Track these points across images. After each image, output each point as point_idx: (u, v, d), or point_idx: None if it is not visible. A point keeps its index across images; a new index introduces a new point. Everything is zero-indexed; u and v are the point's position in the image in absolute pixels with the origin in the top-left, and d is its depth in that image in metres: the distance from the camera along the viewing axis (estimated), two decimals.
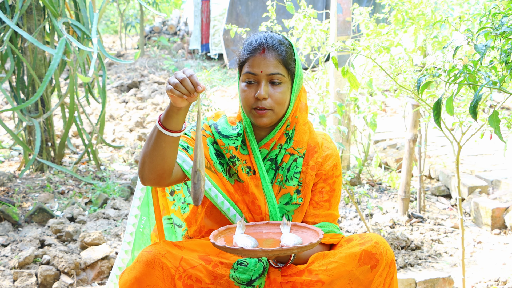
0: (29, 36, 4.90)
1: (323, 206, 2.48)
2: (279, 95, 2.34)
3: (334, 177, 2.50)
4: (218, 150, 2.46)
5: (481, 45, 1.98)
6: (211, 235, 2.21)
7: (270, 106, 2.32)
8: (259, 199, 2.41)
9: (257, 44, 2.35)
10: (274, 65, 2.32)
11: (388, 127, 7.39)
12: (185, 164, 2.35)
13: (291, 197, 2.44)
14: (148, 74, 11.91)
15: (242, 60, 2.38)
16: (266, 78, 2.32)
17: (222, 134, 2.45)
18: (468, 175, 5.28)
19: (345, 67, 3.04)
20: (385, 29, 4.09)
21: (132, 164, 6.40)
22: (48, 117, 5.80)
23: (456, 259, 4.02)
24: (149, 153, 2.20)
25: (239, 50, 2.45)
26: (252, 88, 2.34)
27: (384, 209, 4.85)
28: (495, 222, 4.48)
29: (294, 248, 2.08)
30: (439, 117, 2.04)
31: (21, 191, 5.19)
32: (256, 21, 11.51)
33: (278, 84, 2.34)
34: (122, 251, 2.70)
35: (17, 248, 4.03)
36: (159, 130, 2.16)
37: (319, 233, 2.21)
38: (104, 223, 4.53)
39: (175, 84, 2.05)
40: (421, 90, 2.10)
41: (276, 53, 2.33)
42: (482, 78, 1.90)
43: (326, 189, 2.49)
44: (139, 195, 2.72)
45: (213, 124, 2.49)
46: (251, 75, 2.33)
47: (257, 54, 2.33)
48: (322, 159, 2.47)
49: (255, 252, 2.07)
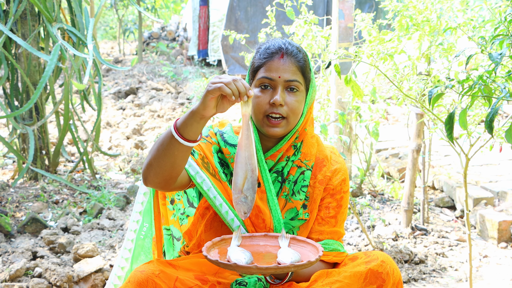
0: (23, 42, 4.82)
1: (329, 223, 2.38)
2: (296, 104, 2.23)
3: (342, 192, 2.41)
4: (222, 159, 2.37)
5: (496, 53, 1.86)
6: (204, 246, 2.09)
7: (286, 113, 2.22)
8: (264, 213, 2.31)
9: (275, 48, 2.24)
10: (293, 71, 2.22)
11: (390, 136, 7.27)
12: (191, 169, 2.25)
13: (297, 212, 2.33)
14: (146, 81, 11.83)
15: (258, 65, 2.26)
16: (283, 84, 2.21)
17: (228, 142, 2.36)
18: (473, 186, 5.16)
19: (348, 76, 2.92)
20: (389, 35, 3.99)
21: (129, 172, 6.29)
22: (43, 125, 5.72)
23: (462, 274, 3.89)
24: (158, 157, 2.08)
25: (253, 55, 2.33)
26: (267, 93, 2.22)
27: (387, 221, 4.73)
28: (502, 235, 4.35)
29: (291, 266, 1.96)
30: (451, 132, 1.90)
31: (14, 200, 5.10)
32: (256, 27, 11.43)
33: (295, 92, 2.23)
34: (122, 258, 2.56)
35: (9, 260, 3.94)
36: (173, 136, 2.03)
37: (319, 249, 2.10)
38: (98, 234, 4.46)
39: (228, 82, 1.94)
40: (432, 102, 1.96)
41: (295, 59, 2.24)
42: (498, 89, 1.78)
43: (333, 205, 2.39)
44: (141, 199, 2.58)
45: (219, 132, 2.40)
46: (268, 79, 2.22)
47: (275, 59, 2.22)
48: (331, 173, 2.39)
49: (249, 269, 1.95)
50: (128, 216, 4.80)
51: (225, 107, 2.02)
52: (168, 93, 11.14)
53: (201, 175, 2.26)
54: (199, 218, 2.44)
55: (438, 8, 4.02)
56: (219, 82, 1.94)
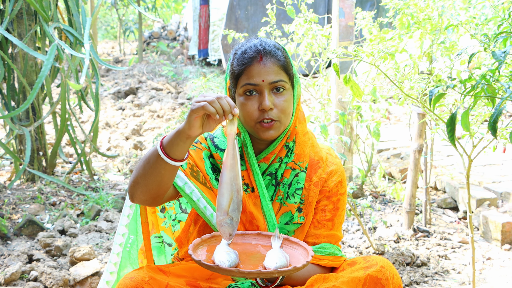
0: (19, 42, 4.76)
1: (325, 226, 2.32)
2: (285, 104, 2.17)
3: (339, 194, 2.34)
4: (214, 164, 2.30)
5: (500, 51, 1.79)
6: (192, 243, 2.04)
7: (277, 117, 2.15)
8: (258, 219, 2.25)
9: (253, 52, 2.16)
10: (275, 72, 2.15)
11: (392, 136, 7.21)
12: (179, 180, 2.18)
13: (292, 216, 2.28)
14: (146, 80, 11.81)
15: (238, 72, 2.18)
16: (269, 87, 2.14)
17: (219, 147, 2.30)
18: (476, 187, 5.09)
19: (347, 75, 2.86)
20: (390, 34, 3.94)
21: (127, 174, 6.25)
22: (40, 126, 5.67)
23: (465, 277, 3.83)
24: (144, 175, 2.03)
25: (230, 61, 2.26)
26: (254, 100, 2.15)
27: (388, 223, 4.68)
28: (505, 237, 4.28)
29: (275, 272, 1.91)
30: (453, 134, 1.83)
31: (10, 202, 5.06)
32: (256, 26, 11.39)
33: (282, 92, 2.17)
34: (107, 272, 2.52)
35: (4, 263, 3.91)
36: (159, 156, 1.97)
37: (309, 254, 2.03)
38: (96, 236, 4.43)
39: (211, 101, 1.88)
40: (433, 103, 1.90)
41: (275, 58, 2.17)
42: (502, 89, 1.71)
43: (329, 207, 2.33)
44: (127, 212, 2.53)
45: (209, 136, 2.33)
46: (251, 85, 2.14)
47: (254, 63, 2.15)
48: (326, 175, 2.33)
49: (231, 272, 1.90)
50: None
51: (211, 126, 1.96)
52: (168, 93, 11.11)
53: (189, 186, 2.20)
54: (192, 225, 2.38)
55: (440, 6, 3.97)
56: (202, 100, 1.88)
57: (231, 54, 2.26)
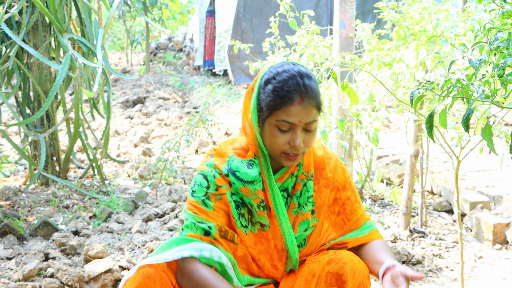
0: (35, 52, 4.92)
1: (358, 208, 2.44)
2: (312, 139, 2.21)
3: (347, 178, 2.46)
4: (238, 200, 2.29)
5: (476, 59, 2.02)
6: None
7: (303, 151, 2.20)
8: (275, 237, 2.32)
9: (293, 89, 2.12)
10: (313, 114, 2.16)
11: (392, 143, 7.41)
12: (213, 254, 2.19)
13: (309, 222, 2.34)
14: (153, 90, 11.97)
15: (274, 105, 2.14)
16: (303, 126, 2.16)
17: (244, 180, 2.26)
18: (470, 191, 5.29)
19: (344, 82, 3.06)
20: (387, 45, 4.14)
21: (136, 178, 6.42)
22: (54, 132, 5.83)
23: (457, 274, 4.02)
24: None
25: (260, 85, 2.22)
26: (286, 135, 2.16)
27: (386, 224, 4.86)
28: (497, 238, 4.48)
29: None
30: (431, 130, 2.07)
31: (26, 205, 5.19)
32: (261, 37, 11.56)
33: (312, 129, 2.20)
34: None
35: (22, 261, 4.02)
36: None
37: None
38: (108, 237, 4.53)
39: None
40: (414, 103, 2.13)
41: (315, 101, 2.16)
42: (475, 91, 1.94)
43: (349, 194, 2.44)
44: None
45: (229, 171, 2.28)
46: (288, 124, 2.14)
47: (295, 103, 2.12)
48: (331, 172, 2.41)
49: None
50: (136, 220, 4.91)
51: None
52: (175, 102, 11.27)
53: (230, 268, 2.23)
54: None
55: (435, 19, 4.14)
56: None
57: (260, 77, 2.23)
